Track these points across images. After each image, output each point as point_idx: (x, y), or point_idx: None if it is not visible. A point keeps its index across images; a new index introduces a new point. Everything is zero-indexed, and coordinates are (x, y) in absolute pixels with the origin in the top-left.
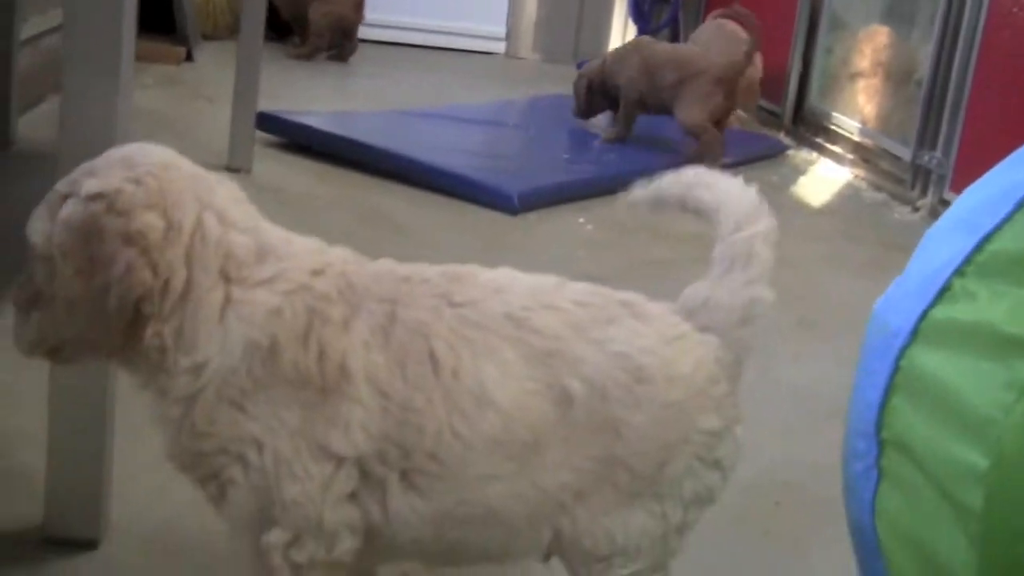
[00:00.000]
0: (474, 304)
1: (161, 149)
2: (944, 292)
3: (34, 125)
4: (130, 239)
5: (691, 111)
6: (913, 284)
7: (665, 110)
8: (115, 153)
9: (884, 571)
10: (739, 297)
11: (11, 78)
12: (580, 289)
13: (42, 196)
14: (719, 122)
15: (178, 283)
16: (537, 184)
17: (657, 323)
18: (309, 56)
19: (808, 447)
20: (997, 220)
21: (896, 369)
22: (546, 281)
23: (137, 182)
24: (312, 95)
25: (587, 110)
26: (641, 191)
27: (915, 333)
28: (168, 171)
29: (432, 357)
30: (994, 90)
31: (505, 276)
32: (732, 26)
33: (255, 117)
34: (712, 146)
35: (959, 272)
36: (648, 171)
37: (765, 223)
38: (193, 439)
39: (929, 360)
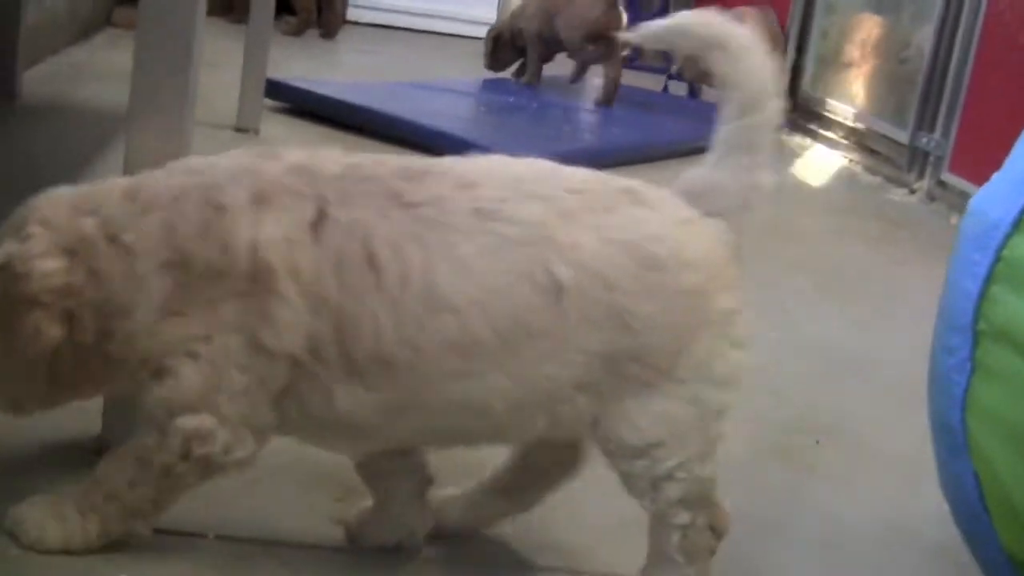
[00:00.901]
0: (434, 203)
1: (50, 192)
2: None
3: (38, 81)
4: (34, 300)
5: (571, 28)
6: (1013, 177)
7: (560, 44)
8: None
9: (971, 470)
10: (741, 181)
11: (17, 34)
12: (575, 174)
13: (45, 150)
14: (606, 35)
15: (116, 277)
16: (546, 151)
17: (663, 208)
18: (299, 31)
19: (837, 395)
20: None
21: (997, 259)
22: (536, 168)
23: (26, 237)
24: (308, 70)
25: (493, 62)
26: (657, 25)
27: (1018, 224)
28: (50, 206)
29: (373, 264)
30: (995, 71)
31: (482, 168)
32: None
33: (264, 83)
34: (581, 67)
35: None
36: (648, 144)
37: (769, 110)
38: (136, 351)
39: None
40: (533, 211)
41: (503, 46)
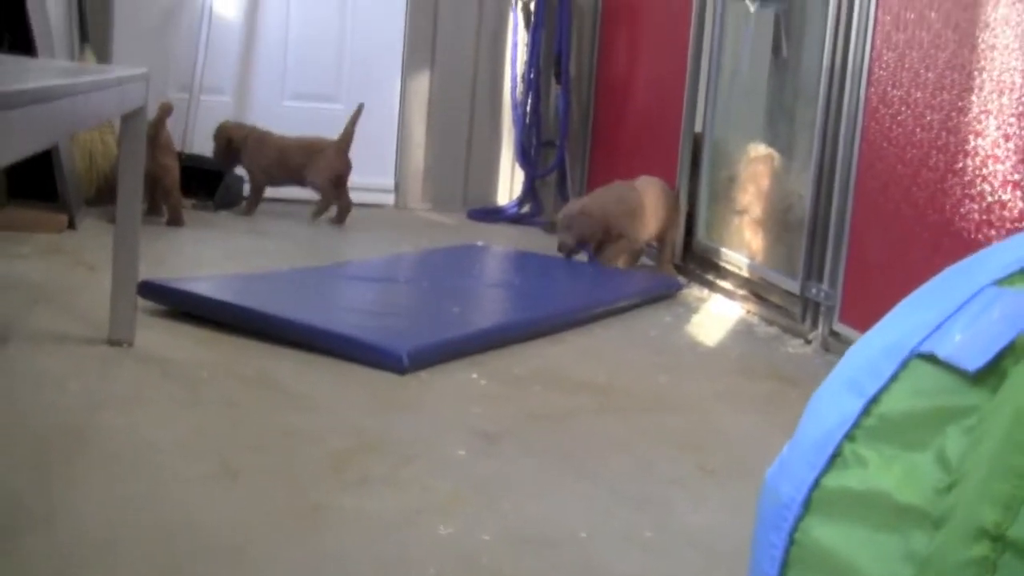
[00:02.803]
0: None
1: None
2: (835, 458)
3: None
4: None
5: (320, 174)
6: (803, 450)
7: (294, 181)
8: None
9: None
10: None
11: None
12: None
13: None
14: (341, 179)
15: None
16: (427, 341)
17: None
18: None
19: None
20: (882, 382)
21: (791, 543)
22: None
23: None
24: (198, 259)
25: (224, 161)
26: None
27: (808, 503)
28: None
29: None
30: (872, 221)
31: None
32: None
33: (137, 286)
34: (327, 201)
35: (849, 436)
36: (537, 322)
37: None
38: None
39: (824, 532)
40: None
41: (233, 151)
